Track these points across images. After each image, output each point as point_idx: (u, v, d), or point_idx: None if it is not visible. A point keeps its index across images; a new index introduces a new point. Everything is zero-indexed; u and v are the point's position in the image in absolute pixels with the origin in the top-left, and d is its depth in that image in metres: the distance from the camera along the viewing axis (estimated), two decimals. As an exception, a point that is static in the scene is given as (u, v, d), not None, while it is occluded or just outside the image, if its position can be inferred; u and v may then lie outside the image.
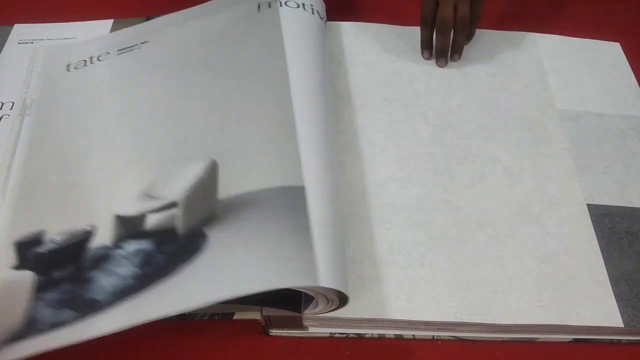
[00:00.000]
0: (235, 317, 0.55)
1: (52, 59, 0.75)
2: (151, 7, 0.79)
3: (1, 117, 0.68)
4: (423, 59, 0.75)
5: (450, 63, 0.75)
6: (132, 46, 0.73)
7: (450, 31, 0.73)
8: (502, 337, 0.56)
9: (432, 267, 0.57)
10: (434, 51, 0.75)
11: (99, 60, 0.73)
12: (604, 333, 0.56)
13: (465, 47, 0.75)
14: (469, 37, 0.76)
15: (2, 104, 0.70)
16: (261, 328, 0.55)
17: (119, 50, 0.73)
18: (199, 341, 0.55)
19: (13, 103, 0.70)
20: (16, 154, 0.65)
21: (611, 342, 0.56)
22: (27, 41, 0.78)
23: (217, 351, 0.54)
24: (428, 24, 0.74)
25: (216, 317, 0.55)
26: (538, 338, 0.56)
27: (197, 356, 0.54)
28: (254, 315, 0.54)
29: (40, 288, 0.55)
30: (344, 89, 0.71)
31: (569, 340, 0.56)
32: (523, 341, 0.56)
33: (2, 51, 0.76)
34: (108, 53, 0.73)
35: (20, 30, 0.79)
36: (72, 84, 0.71)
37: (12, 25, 0.79)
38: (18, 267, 0.56)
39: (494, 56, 0.76)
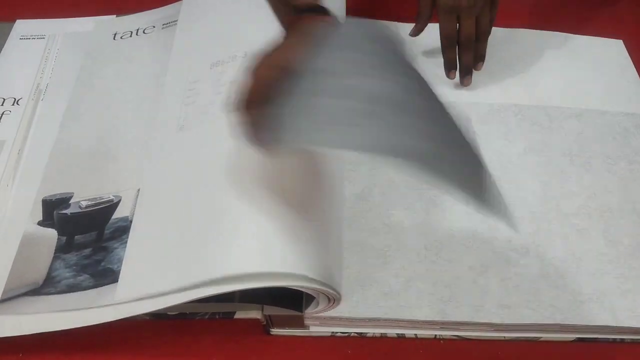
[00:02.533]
0: (236, 316, 0.55)
1: (100, 28, 0.78)
2: (152, 2, 0.79)
3: (2, 113, 0.68)
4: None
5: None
6: (175, 20, 0.74)
7: (472, 47, 0.70)
8: (504, 337, 0.56)
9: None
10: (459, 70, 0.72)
11: (145, 33, 0.76)
12: (606, 332, 0.56)
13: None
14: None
15: (4, 100, 0.70)
16: (262, 327, 0.55)
17: (163, 25, 0.76)
18: (200, 340, 0.54)
19: (15, 99, 0.70)
20: (29, 139, 0.66)
21: (614, 341, 0.56)
22: (29, 36, 0.78)
23: (218, 350, 0.54)
24: (453, 43, 0.70)
25: (217, 317, 0.55)
26: (541, 337, 0.56)
27: (198, 355, 0.54)
28: (255, 314, 0.54)
29: (62, 249, 0.57)
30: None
31: (571, 339, 0.56)
32: (526, 340, 0.56)
33: (5, 47, 0.76)
34: (154, 27, 0.76)
35: (22, 26, 0.79)
36: (116, 53, 0.74)
37: (13, 21, 0.79)
38: (43, 224, 0.59)
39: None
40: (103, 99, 0.69)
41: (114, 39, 0.76)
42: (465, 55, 0.71)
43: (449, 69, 0.71)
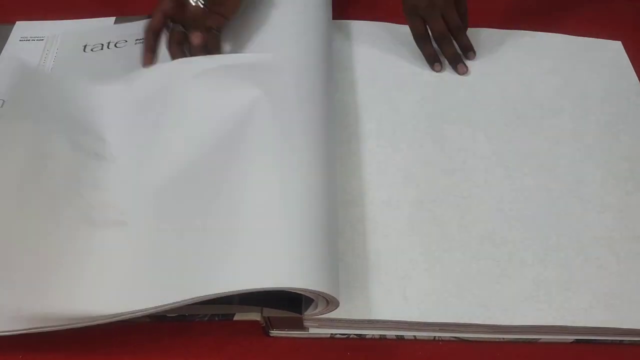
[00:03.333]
0: (236, 318, 0.55)
1: (70, 39, 0.76)
2: (152, 4, 0.79)
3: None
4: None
5: (447, 62, 0.76)
6: None
7: (452, 39, 0.74)
8: (503, 338, 0.56)
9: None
10: (445, 61, 0.75)
11: (116, 47, 0.75)
12: (606, 334, 0.56)
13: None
14: (465, 28, 0.76)
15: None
16: (262, 329, 0.55)
17: (136, 40, 0.74)
18: (200, 342, 0.54)
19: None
20: None
21: (613, 342, 0.56)
22: (29, 38, 0.78)
23: (218, 352, 0.54)
24: (426, 39, 0.74)
25: (216, 318, 0.55)
26: (540, 339, 0.56)
27: (197, 357, 0.54)
28: (254, 316, 0.54)
29: None
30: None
31: (570, 341, 0.56)
32: (524, 342, 0.56)
33: (4, 49, 0.76)
34: (126, 41, 0.75)
35: (22, 28, 0.79)
36: (85, 65, 0.73)
37: (13, 23, 0.79)
38: None
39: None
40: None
41: (84, 50, 0.75)
42: (446, 48, 0.74)
43: (431, 63, 0.75)
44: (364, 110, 0.69)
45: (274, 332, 0.55)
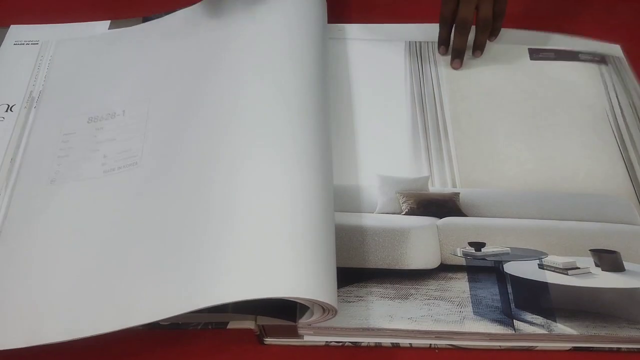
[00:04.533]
0: (229, 326, 0.55)
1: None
2: (147, 8, 0.79)
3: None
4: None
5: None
6: None
7: (468, 32, 0.72)
8: (499, 346, 0.55)
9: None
10: (450, 49, 0.75)
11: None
12: (603, 341, 0.55)
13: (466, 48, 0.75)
14: (494, 33, 0.76)
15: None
16: (256, 337, 0.55)
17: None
18: (193, 351, 0.54)
19: (9, 105, 0.69)
20: (21, 147, 0.65)
21: (610, 350, 0.56)
22: (23, 42, 0.77)
23: (211, 360, 0.54)
24: (447, 24, 0.74)
25: (210, 327, 0.55)
26: (536, 346, 0.55)
27: (191, 365, 0.54)
28: (248, 324, 0.54)
29: None
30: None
31: (568, 348, 0.56)
32: (521, 349, 0.55)
33: (-2, 53, 0.76)
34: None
35: (16, 32, 0.79)
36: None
37: (7, 27, 0.79)
38: None
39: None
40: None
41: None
42: (456, 38, 0.74)
43: (439, 44, 0.77)
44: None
45: (269, 340, 0.55)
